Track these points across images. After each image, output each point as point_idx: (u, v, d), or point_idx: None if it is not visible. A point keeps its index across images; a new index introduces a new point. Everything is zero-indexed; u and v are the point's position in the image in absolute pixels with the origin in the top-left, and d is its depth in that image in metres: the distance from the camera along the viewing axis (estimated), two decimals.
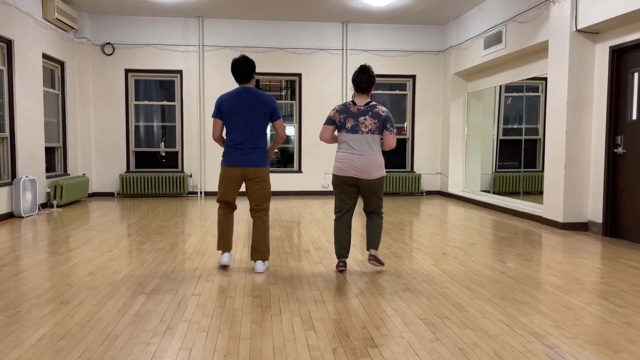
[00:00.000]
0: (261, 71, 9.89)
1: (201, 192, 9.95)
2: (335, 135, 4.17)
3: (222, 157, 4.12)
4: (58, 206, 8.18)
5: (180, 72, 9.77)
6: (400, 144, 10.41)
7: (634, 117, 5.52)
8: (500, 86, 8.67)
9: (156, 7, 8.95)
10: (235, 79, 4.26)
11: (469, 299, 3.44)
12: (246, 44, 9.83)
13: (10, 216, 6.98)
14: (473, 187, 9.66)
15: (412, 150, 10.39)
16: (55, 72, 8.78)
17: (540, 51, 7.24)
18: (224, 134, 5.60)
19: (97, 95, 9.63)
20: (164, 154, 10.09)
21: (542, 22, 6.69)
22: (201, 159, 9.89)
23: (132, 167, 9.88)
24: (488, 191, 9.10)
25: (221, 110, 4.07)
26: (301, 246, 5.19)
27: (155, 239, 5.50)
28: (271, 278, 3.96)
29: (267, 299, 3.42)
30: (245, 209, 7.92)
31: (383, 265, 4.16)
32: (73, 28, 8.74)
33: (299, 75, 10.01)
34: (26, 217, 7.05)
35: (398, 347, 2.63)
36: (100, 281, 3.83)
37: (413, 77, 10.27)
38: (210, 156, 9.92)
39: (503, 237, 5.72)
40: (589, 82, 6.12)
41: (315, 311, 3.18)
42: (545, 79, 7.11)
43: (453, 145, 9.89)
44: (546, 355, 2.54)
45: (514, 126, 8.38)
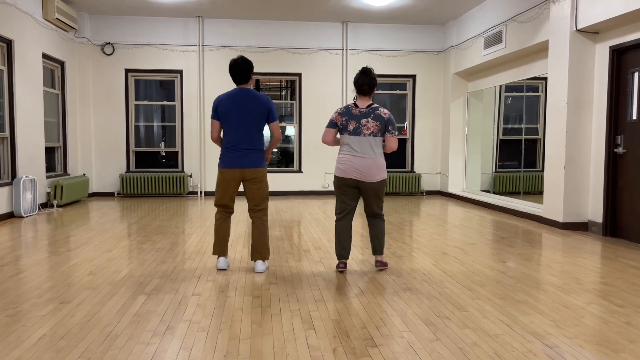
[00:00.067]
0: (261, 71, 9.89)
1: (201, 192, 9.95)
2: (337, 137, 4.17)
3: (220, 160, 4.11)
4: (58, 206, 8.18)
5: (180, 72, 9.77)
6: (400, 144, 10.41)
7: (634, 117, 5.52)
8: (500, 86, 8.67)
9: (156, 7, 8.95)
10: (232, 80, 4.25)
11: (469, 299, 3.44)
12: (246, 44, 9.83)
13: (10, 216, 6.98)
14: (473, 187, 9.66)
15: (412, 150, 10.39)
16: (55, 72, 8.79)
17: (540, 51, 7.23)
18: (222, 135, 5.59)
19: (97, 95, 9.63)
20: (164, 154, 10.09)
21: (542, 22, 6.69)
22: (201, 159, 9.89)
23: (132, 167, 9.88)
24: (488, 191, 9.10)
25: (218, 111, 4.05)
26: (301, 246, 5.20)
27: (155, 239, 5.51)
28: (271, 278, 3.96)
29: (267, 299, 3.42)
30: (244, 210, 7.92)
31: (387, 266, 4.22)
32: (73, 28, 8.74)
33: (299, 75, 10.01)
34: (26, 217, 7.05)
35: (398, 347, 2.63)
36: (100, 281, 3.83)
37: (413, 77, 10.26)
38: (210, 156, 9.93)
39: (503, 237, 5.72)
40: (589, 82, 6.12)
41: (315, 311, 3.18)
42: (545, 79, 7.11)
43: (453, 145, 9.89)
44: (546, 355, 2.54)
45: (514, 126, 8.38)
